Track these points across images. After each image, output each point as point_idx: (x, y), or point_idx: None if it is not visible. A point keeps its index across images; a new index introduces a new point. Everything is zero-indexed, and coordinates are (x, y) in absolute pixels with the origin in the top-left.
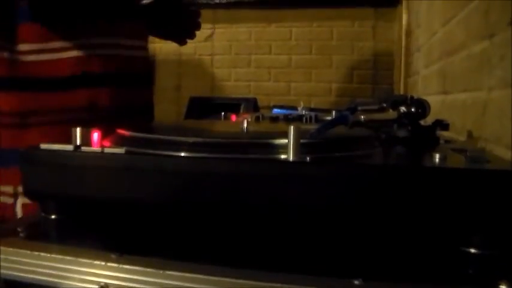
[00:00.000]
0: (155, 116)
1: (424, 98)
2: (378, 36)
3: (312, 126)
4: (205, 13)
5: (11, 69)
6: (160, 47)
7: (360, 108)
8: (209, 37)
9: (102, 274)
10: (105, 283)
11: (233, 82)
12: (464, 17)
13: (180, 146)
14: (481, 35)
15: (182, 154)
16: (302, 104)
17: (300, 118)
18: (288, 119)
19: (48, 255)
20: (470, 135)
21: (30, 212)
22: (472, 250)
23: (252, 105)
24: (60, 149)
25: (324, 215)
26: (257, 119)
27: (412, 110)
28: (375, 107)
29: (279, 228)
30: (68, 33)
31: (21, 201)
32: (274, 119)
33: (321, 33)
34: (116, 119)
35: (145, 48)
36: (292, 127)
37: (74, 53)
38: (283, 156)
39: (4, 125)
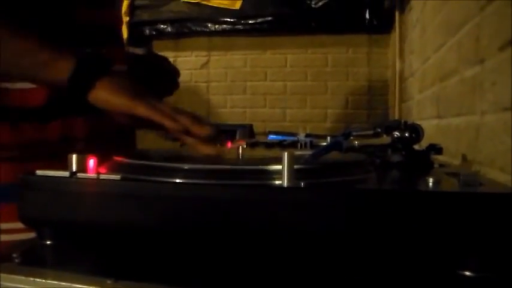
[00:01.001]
0: (150, 144)
1: (419, 122)
2: (372, 62)
3: (307, 152)
4: (201, 40)
5: None
6: None
7: (354, 133)
8: (205, 64)
9: None
10: None
11: (229, 109)
12: (455, 43)
13: (175, 173)
14: (472, 60)
15: (177, 180)
16: (301, 132)
17: (295, 144)
18: (283, 145)
19: (43, 280)
20: (464, 158)
21: None
22: (468, 273)
23: (248, 132)
24: (56, 175)
25: (319, 240)
26: (252, 145)
27: (406, 134)
28: (369, 132)
29: (274, 253)
30: None
31: None
32: (270, 145)
33: (316, 60)
34: (92, 149)
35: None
36: (286, 153)
37: None
38: (277, 182)
39: None
